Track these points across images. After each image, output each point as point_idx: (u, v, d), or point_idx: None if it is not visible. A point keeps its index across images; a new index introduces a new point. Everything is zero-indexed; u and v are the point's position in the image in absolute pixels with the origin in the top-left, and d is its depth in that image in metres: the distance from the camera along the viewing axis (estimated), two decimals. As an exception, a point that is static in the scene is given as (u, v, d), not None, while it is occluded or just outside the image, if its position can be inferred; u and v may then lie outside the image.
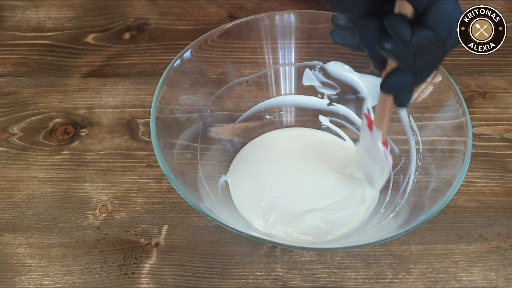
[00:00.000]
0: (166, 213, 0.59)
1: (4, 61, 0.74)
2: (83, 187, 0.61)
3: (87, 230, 0.58)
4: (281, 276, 0.54)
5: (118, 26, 0.79)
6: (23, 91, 0.71)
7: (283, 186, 0.60)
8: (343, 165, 0.62)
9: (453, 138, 0.54)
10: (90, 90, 0.71)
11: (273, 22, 0.62)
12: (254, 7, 0.82)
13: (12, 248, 0.56)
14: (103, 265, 0.55)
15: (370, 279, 0.54)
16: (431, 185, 0.53)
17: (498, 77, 0.71)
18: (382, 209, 0.56)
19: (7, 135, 0.66)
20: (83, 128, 0.67)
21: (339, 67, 0.63)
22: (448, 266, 0.55)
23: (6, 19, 0.80)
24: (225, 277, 0.54)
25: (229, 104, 0.65)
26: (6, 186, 0.61)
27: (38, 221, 0.58)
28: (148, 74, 0.73)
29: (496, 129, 0.66)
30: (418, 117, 0.58)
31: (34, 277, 0.54)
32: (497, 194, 0.60)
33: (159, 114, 0.53)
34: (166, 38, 0.77)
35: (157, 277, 0.54)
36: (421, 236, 0.57)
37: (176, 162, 0.54)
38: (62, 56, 0.75)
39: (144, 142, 0.65)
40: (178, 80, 0.57)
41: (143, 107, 0.69)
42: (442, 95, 0.55)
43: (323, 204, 0.58)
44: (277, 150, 0.64)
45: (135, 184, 0.61)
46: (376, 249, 0.56)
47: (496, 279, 0.54)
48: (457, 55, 0.73)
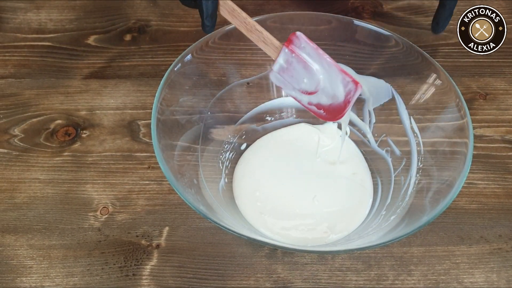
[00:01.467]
0: (167, 215, 0.59)
1: (5, 63, 0.75)
2: (84, 188, 0.61)
3: (88, 232, 0.58)
4: (282, 277, 0.54)
5: (119, 28, 0.79)
6: (24, 93, 0.71)
7: (285, 188, 0.60)
8: (347, 167, 0.62)
9: (454, 140, 0.54)
10: (91, 91, 0.71)
11: (274, 24, 0.62)
12: (255, 9, 0.82)
13: (13, 249, 0.56)
14: (104, 267, 0.55)
15: (371, 280, 0.54)
16: (432, 187, 0.53)
17: (499, 78, 0.71)
18: (383, 211, 0.56)
19: (8, 137, 0.66)
20: (84, 130, 0.67)
21: (340, 68, 0.63)
22: (450, 267, 0.55)
23: (7, 21, 0.80)
24: (226, 279, 0.54)
25: (230, 105, 0.65)
26: (7, 188, 0.61)
27: (39, 222, 0.58)
28: (149, 75, 0.73)
29: (497, 131, 0.66)
30: (419, 119, 0.58)
31: (35, 279, 0.54)
32: (498, 195, 0.60)
33: (160, 115, 0.53)
34: (167, 39, 0.77)
35: (158, 278, 0.54)
36: (422, 237, 0.57)
37: (176, 163, 0.54)
38: (63, 57, 0.75)
39: (145, 143, 0.65)
40: (179, 82, 0.57)
41: (144, 109, 0.69)
42: (443, 97, 0.55)
43: (325, 206, 0.58)
44: (279, 151, 0.64)
45: (136, 185, 0.61)
46: (377, 251, 0.56)
47: (497, 281, 0.54)
48: (458, 56, 0.73)
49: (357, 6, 0.82)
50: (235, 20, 0.53)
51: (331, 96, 0.53)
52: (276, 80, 0.55)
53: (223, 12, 0.53)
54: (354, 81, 0.52)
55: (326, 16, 0.62)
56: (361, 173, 0.61)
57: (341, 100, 0.52)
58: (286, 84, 0.55)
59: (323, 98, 0.53)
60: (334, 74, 0.52)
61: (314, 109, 0.54)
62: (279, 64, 0.53)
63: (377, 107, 0.62)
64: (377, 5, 0.82)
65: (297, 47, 0.52)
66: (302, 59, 0.52)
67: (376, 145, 0.63)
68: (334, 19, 0.62)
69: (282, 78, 0.54)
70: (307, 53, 0.52)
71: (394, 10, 0.81)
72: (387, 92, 0.61)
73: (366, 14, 0.81)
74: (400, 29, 0.78)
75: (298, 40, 0.52)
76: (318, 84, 0.53)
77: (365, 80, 0.62)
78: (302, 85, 0.54)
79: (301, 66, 0.53)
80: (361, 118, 0.64)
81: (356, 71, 0.62)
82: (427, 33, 0.77)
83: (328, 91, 0.53)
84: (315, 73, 0.52)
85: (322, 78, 0.52)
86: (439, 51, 0.75)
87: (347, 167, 0.62)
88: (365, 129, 0.63)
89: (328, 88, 0.53)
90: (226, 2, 0.52)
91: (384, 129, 0.62)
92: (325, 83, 0.53)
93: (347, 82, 0.52)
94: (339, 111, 0.53)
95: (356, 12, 0.81)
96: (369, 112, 0.63)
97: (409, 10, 0.81)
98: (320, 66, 0.52)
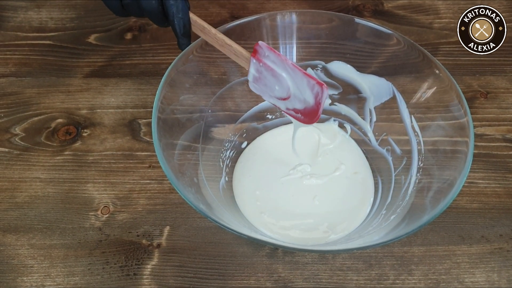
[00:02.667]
0: (168, 214, 0.59)
1: (6, 62, 0.75)
2: (85, 188, 0.61)
3: (89, 231, 0.58)
4: (282, 277, 0.54)
5: (120, 26, 0.79)
6: (25, 92, 0.71)
7: (285, 187, 0.60)
8: (348, 166, 0.62)
9: (455, 139, 0.53)
10: (92, 90, 0.71)
11: (275, 22, 0.62)
12: (255, 7, 0.82)
13: (14, 249, 0.56)
14: (105, 266, 0.55)
15: (372, 280, 0.54)
16: (433, 186, 0.53)
17: (500, 77, 0.71)
18: (384, 210, 0.56)
19: (9, 136, 0.66)
20: (85, 129, 0.67)
21: (341, 67, 0.62)
22: (450, 267, 0.55)
23: (8, 20, 0.80)
24: (226, 278, 0.54)
25: (231, 104, 0.64)
26: (8, 187, 0.61)
27: (40, 222, 0.58)
28: (150, 74, 0.73)
29: (499, 130, 0.66)
30: (420, 118, 0.58)
31: (36, 278, 0.54)
32: (499, 195, 0.60)
33: (161, 114, 0.53)
34: (168, 38, 0.77)
35: (159, 278, 0.54)
36: (423, 237, 0.57)
37: (177, 162, 0.54)
38: (64, 56, 0.75)
39: (146, 142, 0.65)
40: (180, 80, 0.57)
41: (145, 108, 0.69)
42: (444, 95, 0.55)
43: (326, 205, 0.58)
44: (279, 150, 0.64)
45: (137, 185, 0.61)
46: (378, 251, 0.56)
47: (498, 281, 0.54)
48: (459, 55, 0.73)
49: (358, 4, 0.82)
50: (207, 37, 0.55)
51: (302, 100, 0.54)
52: (255, 89, 0.57)
53: (195, 30, 0.55)
54: (318, 83, 0.52)
55: (327, 14, 0.62)
56: (362, 172, 0.61)
57: (312, 103, 0.53)
58: (263, 92, 0.56)
59: (296, 103, 0.54)
60: (299, 78, 0.53)
61: (292, 114, 0.55)
62: (252, 74, 0.55)
63: (378, 106, 0.62)
64: (378, 3, 0.82)
65: (262, 56, 0.53)
66: (269, 67, 0.53)
67: (376, 144, 0.63)
68: (335, 17, 0.62)
69: (259, 87, 0.56)
70: (272, 61, 0.53)
71: (395, 8, 0.81)
72: (388, 90, 0.61)
73: (367, 13, 0.80)
74: (401, 27, 0.78)
75: (262, 49, 0.53)
76: (288, 90, 0.54)
77: (366, 78, 0.62)
78: (275, 92, 0.55)
79: (270, 74, 0.54)
80: (362, 117, 0.64)
81: (357, 70, 0.62)
82: (428, 31, 0.77)
83: (298, 95, 0.54)
84: (283, 79, 0.53)
85: (290, 84, 0.53)
86: (440, 50, 0.74)
87: (348, 166, 0.62)
88: (366, 128, 0.63)
89: (298, 93, 0.54)
90: (196, 21, 0.55)
91: (385, 128, 0.62)
92: (294, 88, 0.54)
93: (313, 85, 0.52)
94: (314, 113, 0.54)
95: (357, 11, 0.81)
96: (370, 111, 0.63)
97: (410, 9, 0.81)
98: (285, 72, 0.53)
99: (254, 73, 0.55)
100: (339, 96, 0.64)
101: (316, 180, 0.60)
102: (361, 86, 0.62)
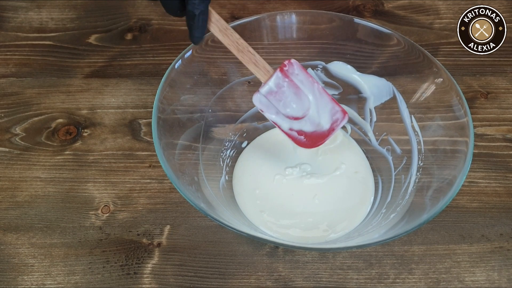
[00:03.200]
0: (168, 213, 0.59)
1: (7, 62, 0.75)
2: (86, 187, 0.61)
3: (89, 230, 0.58)
4: (283, 276, 0.54)
5: (120, 27, 0.79)
6: (26, 92, 0.71)
7: (286, 185, 0.60)
8: (348, 166, 0.62)
9: (455, 139, 0.53)
10: (92, 90, 0.71)
11: (275, 23, 0.62)
12: (256, 8, 0.82)
13: (15, 248, 0.57)
14: (105, 265, 0.55)
15: (372, 279, 0.54)
16: (432, 185, 0.53)
17: (500, 77, 0.71)
18: (384, 209, 0.56)
19: (9, 136, 0.66)
20: (86, 129, 0.67)
21: (341, 67, 0.63)
22: (451, 266, 0.55)
23: (8, 20, 0.80)
24: (227, 277, 0.54)
25: (231, 104, 0.65)
26: (8, 186, 0.61)
27: (41, 221, 0.58)
28: (150, 74, 0.73)
29: (499, 129, 0.66)
30: (420, 117, 0.58)
31: (36, 277, 0.54)
32: (499, 194, 0.60)
33: (161, 114, 0.53)
34: (168, 38, 0.77)
35: (159, 277, 0.54)
36: (423, 236, 0.57)
37: (177, 162, 0.54)
38: (64, 56, 0.75)
39: (146, 142, 0.65)
40: (180, 80, 0.57)
41: (145, 108, 0.69)
42: (444, 95, 0.55)
43: (326, 205, 0.58)
44: (280, 149, 0.64)
45: (137, 184, 0.61)
46: (378, 249, 0.56)
47: (498, 280, 0.54)
48: (459, 55, 0.73)
49: (358, 4, 0.82)
50: (226, 39, 0.52)
51: (316, 123, 0.54)
52: (259, 102, 0.55)
53: (214, 29, 0.52)
54: (343, 111, 0.54)
55: (328, 15, 0.62)
56: (362, 171, 0.61)
57: (326, 128, 0.54)
58: (270, 107, 0.55)
59: (307, 125, 0.54)
60: (324, 102, 0.53)
61: (294, 135, 0.55)
62: (269, 87, 0.53)
63: (378, 106, 0.62)
64: (378, 3, 0.82)
65: (290, 73, 0.53)
66: (295, 85, 0.53)
67: (377, 144, 0.63)
68: (336, 17, 0.62)
69: (267, 101, 0.54)
70: (299, 80, 0.53)
71: (395, 8, 0.81)
72: (388, 90, 0.61)
73: (367, 13, 0.81)
74: (402, 27, 0.78)
75: (292, 66, 0.53)
76: (307, 110, 0.54)
77: (366, 78, 0.62)
78: (288, 110, 0.54)
79: (292, 91, 0.53)
80: (362, 117, 0.64)
81: (357, 70, 0.62)
82: (428, 31, 0.77)
83: (314, 118, 0.54)
84: (306, 99, 0.53)
85: (312, 106, 0.53)
86: (441, 50, 0.75)
87: (348, 166, 0.62)
88: (366, 127, 0.63)
89: (315, 116, 0.54)
90: (219, 20, 0.52)
91: (385, 127, 0.62)
92: (313, 110, 0.54)
93: (336, 111, 0.53)
94: (321, 138, 0.55)
95: (357, 11, 0.81)
96: (370, 111, 0.63)
97: (410, 9, 0.81)
98: (311, 94, 0.53)
99: (272, 87, 0.53)
100: (340, 96, 0.64)
101: (316, 179, 0.60)
102: (361, 86, 0.63)
